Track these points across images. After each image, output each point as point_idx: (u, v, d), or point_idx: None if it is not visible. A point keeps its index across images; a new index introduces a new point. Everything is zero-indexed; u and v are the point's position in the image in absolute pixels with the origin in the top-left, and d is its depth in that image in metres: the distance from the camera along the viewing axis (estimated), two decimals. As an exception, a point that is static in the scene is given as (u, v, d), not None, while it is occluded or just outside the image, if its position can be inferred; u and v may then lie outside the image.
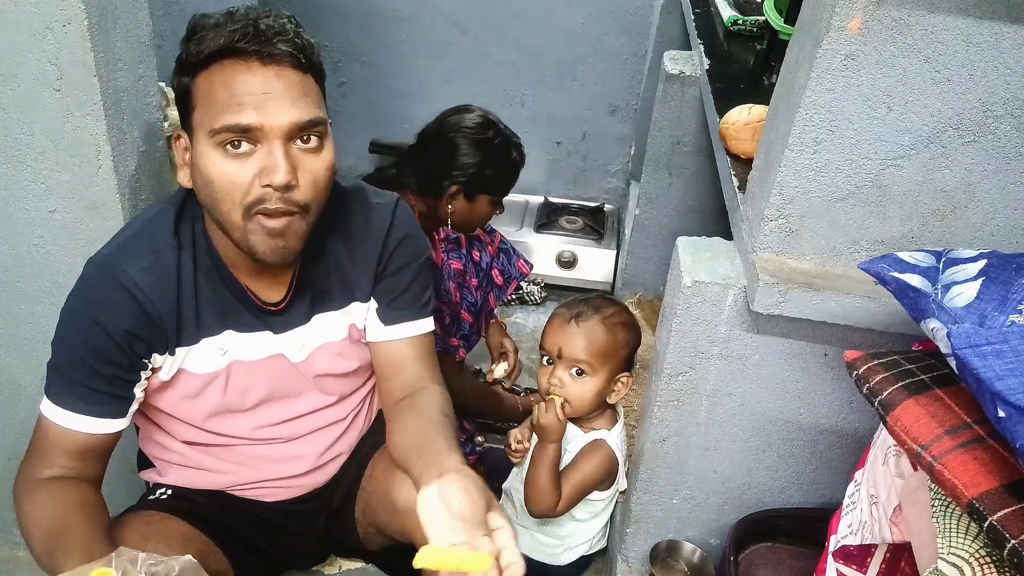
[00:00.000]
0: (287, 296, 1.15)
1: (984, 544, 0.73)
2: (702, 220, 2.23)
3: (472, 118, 1.73)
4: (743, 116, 1.34)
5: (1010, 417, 0.68)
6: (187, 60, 0.99)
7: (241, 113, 0.96)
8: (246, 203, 0.99)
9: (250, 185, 0.98)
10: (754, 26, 1.87)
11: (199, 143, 1.00)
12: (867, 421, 1.27)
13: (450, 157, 1.70)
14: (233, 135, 0.97)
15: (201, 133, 0.99)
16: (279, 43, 0.97)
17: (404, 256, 1.22)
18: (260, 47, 0.96)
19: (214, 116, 0.97)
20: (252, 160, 0.98)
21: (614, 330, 1.44)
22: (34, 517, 1.02)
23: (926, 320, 0.83)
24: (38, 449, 1.07)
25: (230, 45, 0.96)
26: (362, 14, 2.70)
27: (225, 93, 0.96)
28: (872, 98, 1.02)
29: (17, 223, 1.27)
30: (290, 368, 1.19)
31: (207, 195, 1.01)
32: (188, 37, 1.00)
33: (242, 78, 0.96)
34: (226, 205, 1.00)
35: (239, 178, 0.98)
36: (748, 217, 1.19)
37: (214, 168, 0.98)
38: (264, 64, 0.97)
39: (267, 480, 1.25)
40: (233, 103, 0.96)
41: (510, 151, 1.74)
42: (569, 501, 1.52)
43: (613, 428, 1.54)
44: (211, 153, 0.98)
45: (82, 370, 1.04)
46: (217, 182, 0.98)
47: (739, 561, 1.35)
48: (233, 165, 0.98)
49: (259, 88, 0.97)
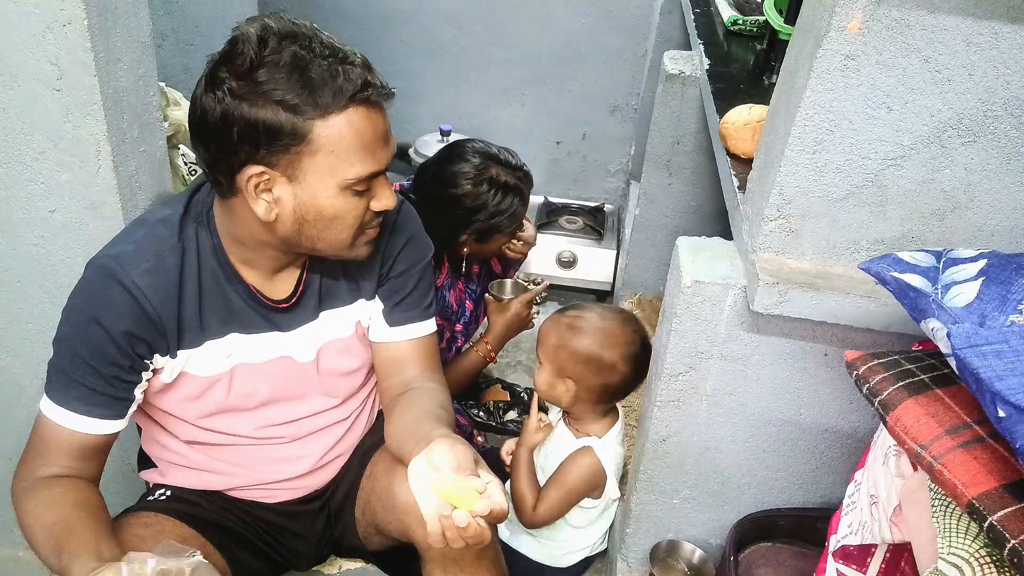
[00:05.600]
0: (295, 293, 1.16)
1: (984, 544, 0.73)
2: (702, 220, 2.23)
3: (468, 167, 1.67)
4: (743, 116, 1.34)
5: (1010, 417, 0.68)
6: (297, 103, 0.96)
7: (376, 161, 1.03)
8: (358, 226, 1.08)
9: (365, 212, 1.07)
10: (754, 26, 1.87)
11: (318, 185, 1.01)
12: (867, 421, 1.27)
13: (454, 215, 1.67)
14: (364, 182, 1.03)
15: (324, 178, 1.01)
16: (378, 82, 1.01)
17: (409, 259, 1.23)
18: (380, 95, 1.01)
19: (350, 166, 1.01)
20: (368, 192, 1.06)
21: (559, 328, 1.49)
22: (37, 516, 1.02)
23: (926, 320, 0.83)
24: (37, 448, 1.07)
25: (357, 93, 0.98)
26: (362, 14, 2.70)
27: (357, 143, 1.00)
28: (872, 98, 1.02)
29: (17, 223, 1.27)
30: (296, 369, 1.19)
31: (321, 228, 1.05)
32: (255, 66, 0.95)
33: (371, 127, 1.01)
34: (343, 234, 1.07)
35: (360, 211, 1.06)
36: (748, 217, 1.19)
37: (344, 207, 1.04)
38: (382, 111, 1.03)
39: (268, 481, 1.25)
40: (368, 153, 1.01)
41: (512, 188, 1.68)
42: (552, 509, 1.53)
43: (606, 435, 1.54)
44: (339, 195, 1.03)
45: (82, 370, 1.04)
46: (341, 219, 1.05)
47: (739, 561, 1.35)
48: (356, 202, 1.05)
49: (383, 134, 1.04)
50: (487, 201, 1.66)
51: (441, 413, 1.16)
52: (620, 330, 1.49)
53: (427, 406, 1.17)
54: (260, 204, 1.02)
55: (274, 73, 0.95)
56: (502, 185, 1.67)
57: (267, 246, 1.09)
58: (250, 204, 1.02)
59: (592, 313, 1.52)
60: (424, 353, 1.27)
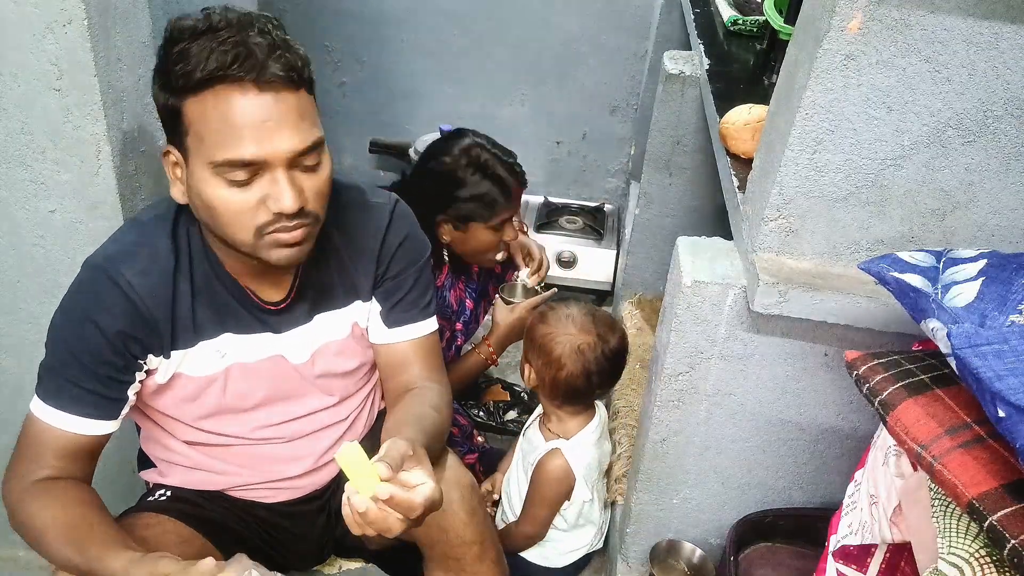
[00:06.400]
0: (289, 296, 1.15)
1: (984, 544, 0.73)
2: (702, 220, 2.23)
3: (457, 145, 1.66)
4: (743, 116, 1.33)
5: (1010, 417, 0.68)
6: (172, 81, 0.94)
7: (242, 146, 0.93)
8: (256, 226, 0.99)
9: (256, 210, 0.98)
10: (754, 26, 1.87)
11: (196, 168, 0.97)
12: (867, 421, 1.27)
13: (430, 191, 1.65)
14: (235, 168, 0.95)
15: (198, 160, 0.96)
16: (273, 64, 0.92)
17: (405, 259, 1.22)
18: (256, 73, 0.92)
19: (213, 148, 0.94)
20: (255, 187, 0.97)
21: (537, 313, 1.59)
22: (47, 516, 1.02)
23: (926, 320, 0.83)
24: (28, 451, 1.06)
25: (222, 70, 0.91)
26: (362, 14, 2.70)
27: (222, 124, 0.93)
28: (872, 98, 1.02)
29: (17, 223, 1.27)
30: (290, 370, 1.19)
31: (209, 218, 1.01)
32: (167, 48, 0.95)
33: (239, 107, 0.92)
34: (233, 229, 0.99)
35: (244, 206, 0.97)
36: (748, 217, 1.19)
37: (217, 197, 0.97)
38: (261, 90, 0.93)
39: (268, 481, 1.25)
40: (232, 135, 0.93)
41: (493, 174, 1.65)
42: (535, 524, 1.56)
43: (576, 436, 1.55)
44: (211, 180, 0.96)
45: (76, 370, 1.04)
46: (221, 209, 0.98)
47: (739, 561, 1.35)
48: (236, 194, 0.97)
49: (258, 117, 0.93)
50: (464, 178, 1.63)
51: (428, 413, 1.15)
52: (580, 332, 1.50)
53: (415, 409, 1.16)
54: (176, 185, 1.03)
55: (172, 56, 0.94)
56: (482, 165, 1.64)
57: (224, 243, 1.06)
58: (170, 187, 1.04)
59: (569, 309, 1.53)
60: (425, 353, 1.26)
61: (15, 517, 1.04)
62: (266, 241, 1.00)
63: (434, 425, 1.13)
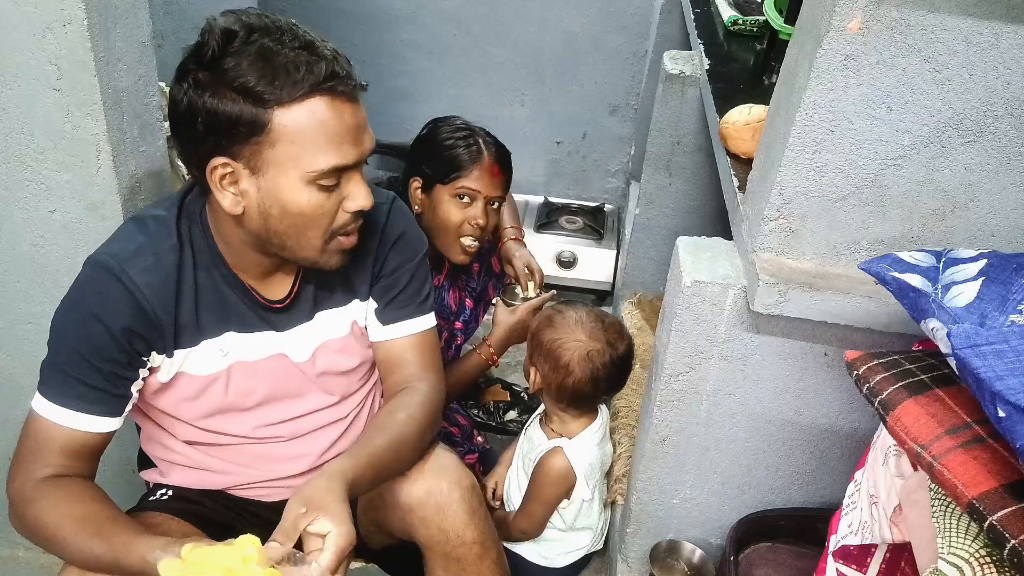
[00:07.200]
0: (290, 294, 1.16)
1: (984, 544, 0.73)
2: (702, 220, 2.23)
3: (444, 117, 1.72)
4: (743, 116, 1.33)
5: (1010, 417, 0.68)
6: (252, 92, 0.95)
7: (341, 154, 1.00)
8: (332, 229, 1.05)
9: (336, 212, 1.04)
10: (754, 26, 1.87)
11: (280, 177, 0.99)
12: (867, 421, 1.27)
13: (413, 155, 1.69)
14: (330, 175, 1.00)
15: (286, 170, 0.99)
16: (349, 77, 1.00)
17: (400, 257, 1.23)
18: (347, 86, 0.99)
19: (313, 158, 0.98)
20: (336, 191, 1.03)
21: (543, 316, 1.58)
22: (60, 512, 1.02)
23: (926, 320, 0.83)
24: (31, 449, 1.06)
25: (326, 82, 0.96)
26: (362, 14, 2.70)
27: (320, 134, 0.98)
28: (872, 98, 1.02)
29: (17, 223, 1.27)
30: (292, 368, 1.19)
31: (287, 225, 1.03)
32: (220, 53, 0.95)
33: (337, 119, 0.99)
34: (312, 232, 1.04)
35: (330, 208, 1.03)
36: (748, 217, 1.19)
37: (308, 203, 1.01)
38: (349, 99, 1.00)
39: (268, 480, 1.25)
40: (332, 145, 0.99)
41: (466, 138, 1.65)
42: (532, 520, 1.56)
43: (578, 436, 1.54)
44: (303, 189, 1.00)
45: (80, 367, 1.04)
46: (309, 214, 1.02)
47: (739, 561, 1.35)
48: (324, 198, 1.02)
49: (353, 124, 1.01)
50: (436, 136, 1.67)
51: (399, 419, 1.16)
52: (589, 338, 1.49)
53: (394, 413, 1.17)
54: (226, 196, 1.02)
55: (238, 62, 0.95)
56: (457, 128, 1.68)
57: (247, 247, 1.09)
58: (217, 197, 1.02)
59: (576, 314, 1.53)
60: (421, 350, 1.27)
61: (22, 517, 1.04)
62: (332, 246, 1.07)
63: (409, 431, 1.15)
